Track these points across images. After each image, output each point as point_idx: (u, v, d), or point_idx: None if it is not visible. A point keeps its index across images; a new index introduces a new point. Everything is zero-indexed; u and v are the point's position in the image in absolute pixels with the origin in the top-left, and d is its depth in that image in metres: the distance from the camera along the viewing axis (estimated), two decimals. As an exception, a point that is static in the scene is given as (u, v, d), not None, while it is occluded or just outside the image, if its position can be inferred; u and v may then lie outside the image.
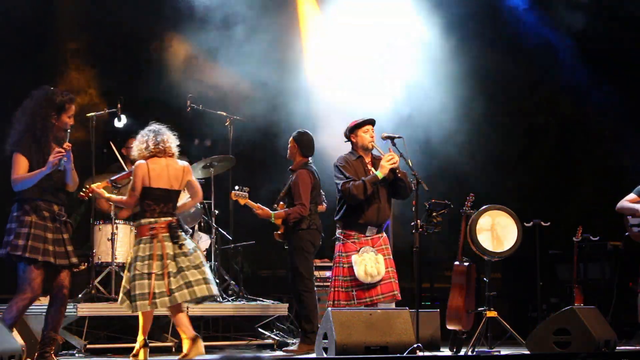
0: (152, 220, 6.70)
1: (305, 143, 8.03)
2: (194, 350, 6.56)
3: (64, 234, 6.50)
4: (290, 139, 8.08)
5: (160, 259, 6.62)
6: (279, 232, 8.07)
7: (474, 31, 11.12)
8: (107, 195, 7.05)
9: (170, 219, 6.74)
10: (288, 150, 8.11)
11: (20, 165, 6.36)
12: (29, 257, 6.28)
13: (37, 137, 6.42)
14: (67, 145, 6.43)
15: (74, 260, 6.53)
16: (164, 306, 6.64)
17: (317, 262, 8.92)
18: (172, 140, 6.91)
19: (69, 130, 6.54)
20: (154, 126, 6.92)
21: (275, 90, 10.34)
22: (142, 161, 6.78)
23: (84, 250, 8.51)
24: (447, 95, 10.91)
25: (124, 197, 6.96)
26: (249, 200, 8.07)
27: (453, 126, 11.05)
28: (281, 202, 8.07)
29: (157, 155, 6.81)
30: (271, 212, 7.94)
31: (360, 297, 7.09)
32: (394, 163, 7.09)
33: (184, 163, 6.94)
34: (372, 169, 7.22)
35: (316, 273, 8.51)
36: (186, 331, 6.66)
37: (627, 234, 8.84)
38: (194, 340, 6.58)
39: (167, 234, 6.68)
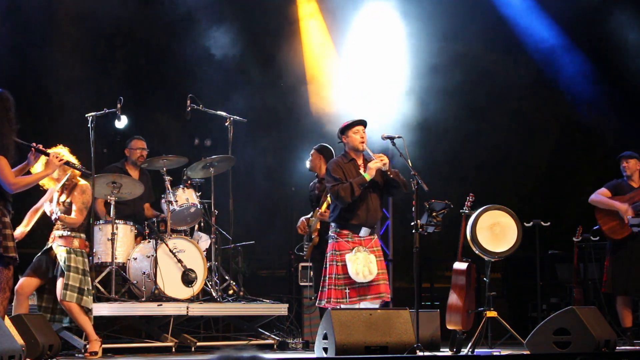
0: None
1: (328, 154, 8.48)
2: None
3: None
4: (313, 152, 8.58)
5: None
6: (312, 244, 8.35)
7: (474, 33, 11.11)
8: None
9: None
10: (310, 163, 8.59)
11: (9, 168, 6.27)
12: (16, 258, 6.27)
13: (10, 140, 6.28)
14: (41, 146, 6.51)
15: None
16: None
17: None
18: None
19: None
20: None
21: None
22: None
23: None
24: (447, 96, 10.91)
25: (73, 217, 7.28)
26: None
27: (453, 126, 11.05)
28: (317, 209, 8.35)
29: None
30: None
31: (352, 296, 7.12)
32: (381, 164, 7.08)
33: None
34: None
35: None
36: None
37: (595, 227, 8.93)
38: None
39: None
